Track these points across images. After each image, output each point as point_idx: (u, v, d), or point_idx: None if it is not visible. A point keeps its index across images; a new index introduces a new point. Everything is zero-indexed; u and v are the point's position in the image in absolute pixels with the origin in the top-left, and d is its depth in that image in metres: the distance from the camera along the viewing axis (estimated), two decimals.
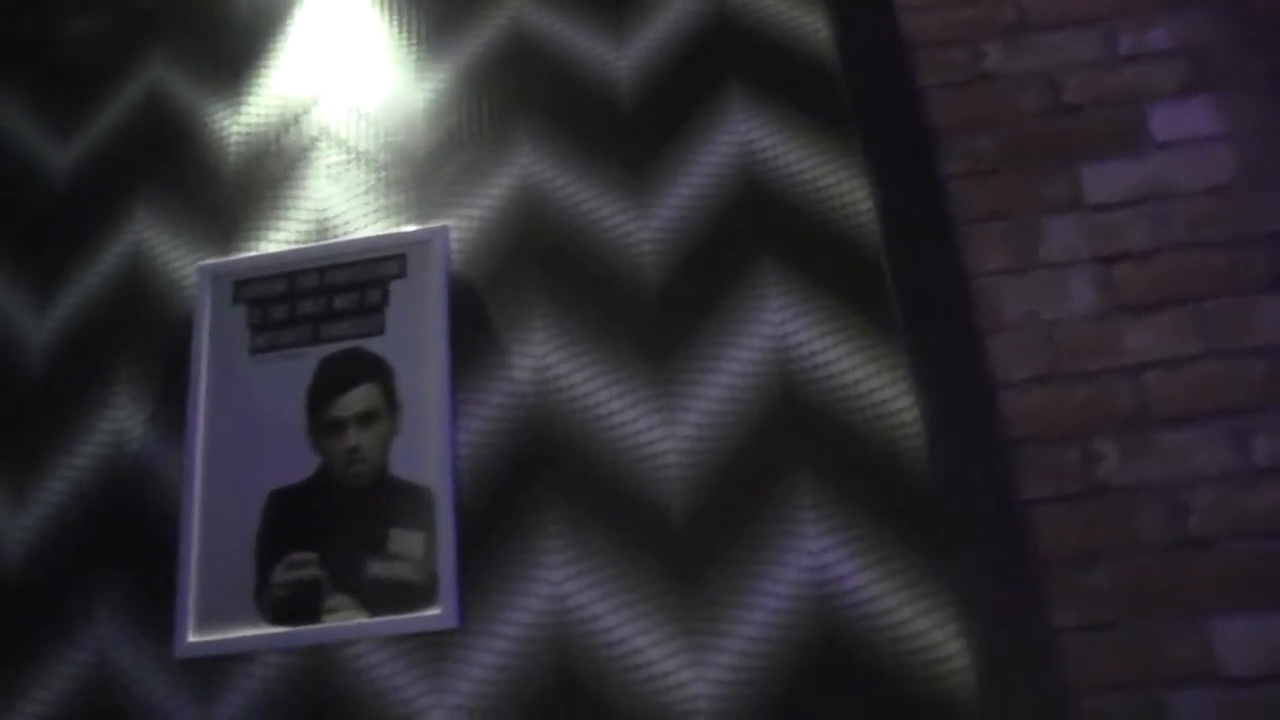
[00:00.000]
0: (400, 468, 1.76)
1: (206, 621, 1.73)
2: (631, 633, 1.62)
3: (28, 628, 1.80)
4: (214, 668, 1.71)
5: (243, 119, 2.04)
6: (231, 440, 1.82)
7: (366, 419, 1.79)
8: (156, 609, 1.76)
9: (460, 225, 1.87)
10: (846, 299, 1.71)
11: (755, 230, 1.77)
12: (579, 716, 1.59)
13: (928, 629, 1.53)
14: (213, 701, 1.70)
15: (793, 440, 1.66)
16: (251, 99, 2.05)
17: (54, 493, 1.87)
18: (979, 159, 1.65)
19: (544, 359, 1.77)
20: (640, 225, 1.82)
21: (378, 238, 1.87)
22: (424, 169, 1.92)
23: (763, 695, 1.55)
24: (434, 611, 1.67)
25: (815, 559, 1.59)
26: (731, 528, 1.63)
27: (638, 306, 1.78)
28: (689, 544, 1.64)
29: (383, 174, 1.93)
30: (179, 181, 2.02)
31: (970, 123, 1.67)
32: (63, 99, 2.15)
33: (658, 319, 1.77)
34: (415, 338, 1.82)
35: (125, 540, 1.82)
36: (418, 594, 1.69)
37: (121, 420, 1.89)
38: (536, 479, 1.72)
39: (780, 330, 1.71)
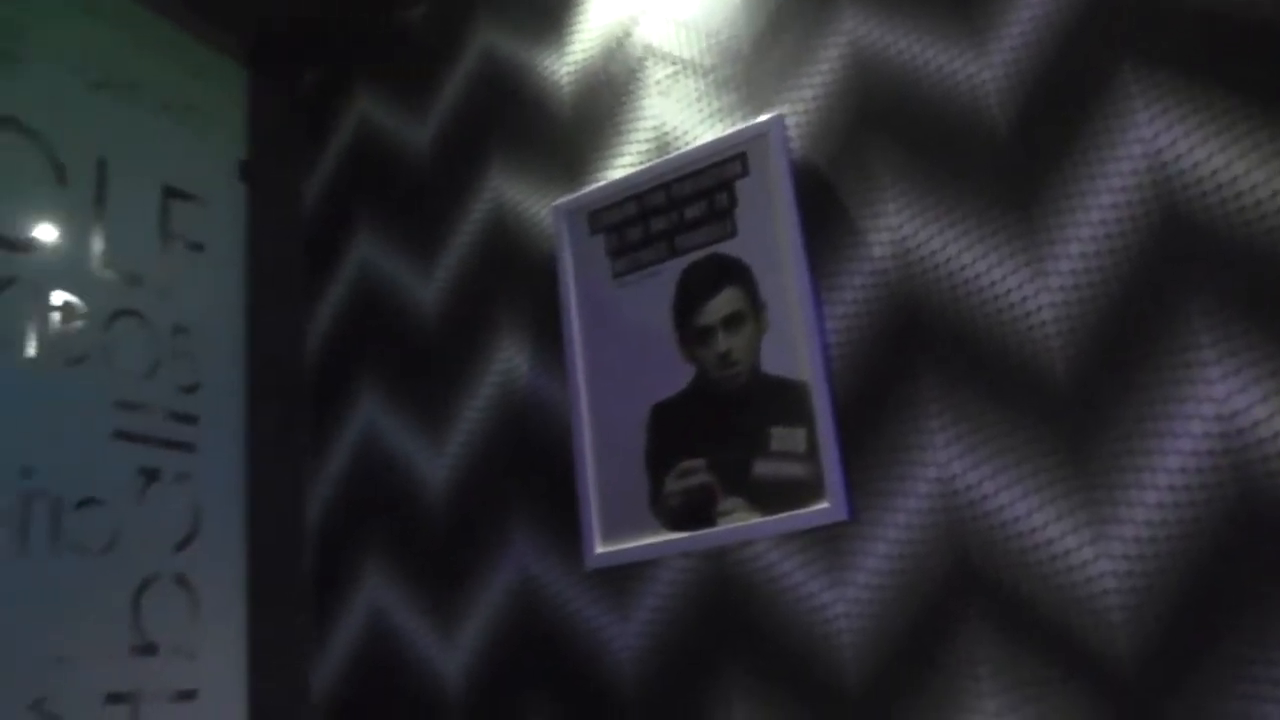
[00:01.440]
0: (772, 365, 1.73)
1: (611, 534, 1.81)
2: (1026, 510, 1.49)
3: (458, 558, 1.98)
4: (624, 575, 1.79)
5: (570, 58, 2.09)
6: (608, 363, 1.89)
7: (733, 322, 1.78)
8: (564, 527, 1.87)
9: (795, 110, 1.81)
10: (1232, 90, 1.45)
11: (1110, 37, 1.55)
12: (978, 602, 1.50)
13: None
14: (628, 607, 1.78)
15: (1182, 270, 1.44)
16: (575, 37, 2.09)
17: (462, 433, 2.04)
18: None
19: (900, 229, 1.67)
20: (980, 64, 1.65)
21: (715, 141, 1.84)
22: (751, 61, 1.87)
23: (1176, 567, 1.37)
24: (822, 506, 1.64)
25: (1221, 406, 1.38)
26: (1122, 380, 1.45)
27: (990, 152, 1.62)
28: (1077, 405, 1.48)
29: (711, 77, 1.90)
30: (524, 132, 2.11)
31: None
32: (412, 83, 2.31)
33: (1013, 161, 1.60)
34: (768, 233, 1.78)
35: (528, 468, 1.94)
36: (805, 489, 1.66)
37: (509, 360, 2.02)
38: (909, 357, 1.63)
39: (1154, 145, 1.49)
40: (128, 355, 1.90)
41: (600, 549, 1.81)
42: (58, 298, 1.81)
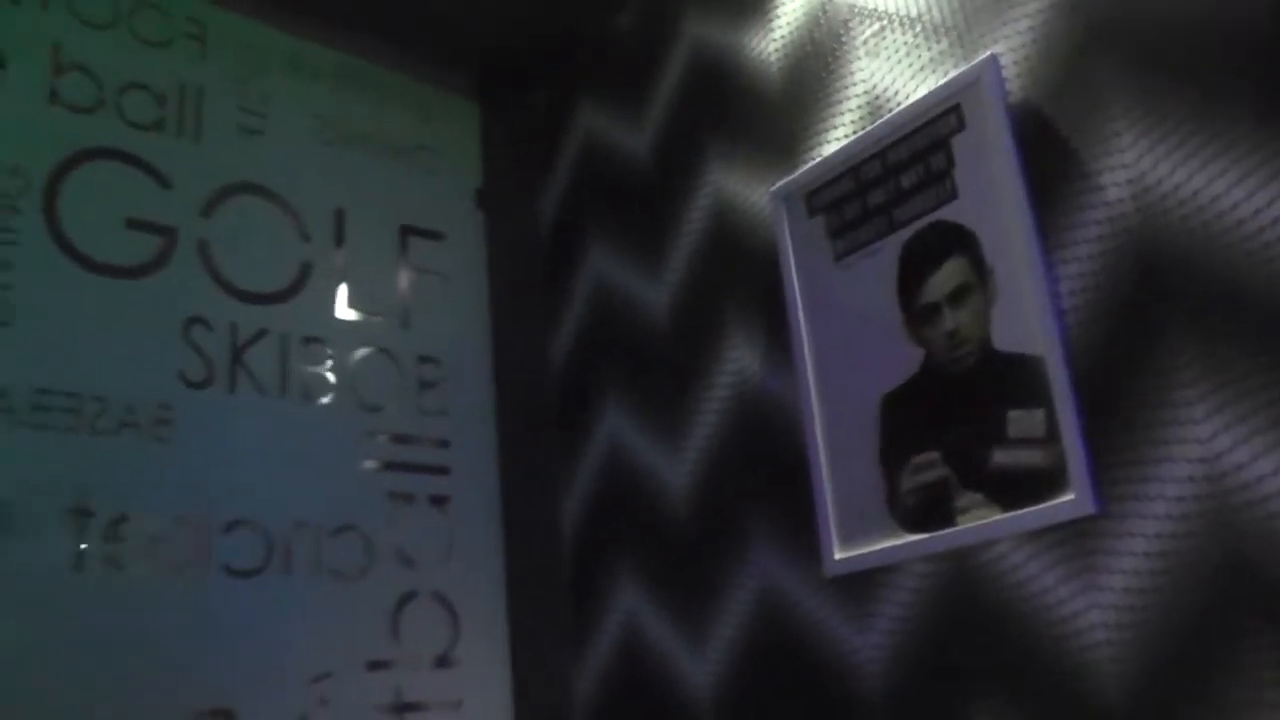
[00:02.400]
0: (1003, 339, 1.53)
1: (848, 538, 1.69)
2: None
3: (703, 565, 1.93)
4: (864, 581, 1.66)
5: (776, 34, 1.96)
6: (836, 353, 1.76)
7: (959, 296, 1.59)
8: (803, 530, 1.76)
9: (1010, 47, 1.57)
10: None
11: None
12: (1259, 604, 1.22)
13: None
14: (870, 616, 1.65)
15: None
16: (778, 10, 1.96)
17: (699, 438, 1.99)
18: None
19: (1136, 165, 1.41)
20: None
21: (926, 97, 1.65)
22: (959, 1, 1.66)
23: None
24: (1067, 498, 1.41)
25: None
26: None
27: (1243, 54, 1.31)
28: None
29: (919, 25, 1.71)
30: (738, 119, 2.01)
31: None
32: (630, 89, 2.28)
33: (1273, 62, 1.29)
34: (989, 191, 1.57)
35: (764, 469, 1.86)
36: (1047, 480, 1.45)
37: (739, 358, 1.94)
38: (1156, 314, 1.36)
39: None
40: (378, 388, 2.04)
41: (839, 554, 1.68)
42: (309, 342, 1.98)
